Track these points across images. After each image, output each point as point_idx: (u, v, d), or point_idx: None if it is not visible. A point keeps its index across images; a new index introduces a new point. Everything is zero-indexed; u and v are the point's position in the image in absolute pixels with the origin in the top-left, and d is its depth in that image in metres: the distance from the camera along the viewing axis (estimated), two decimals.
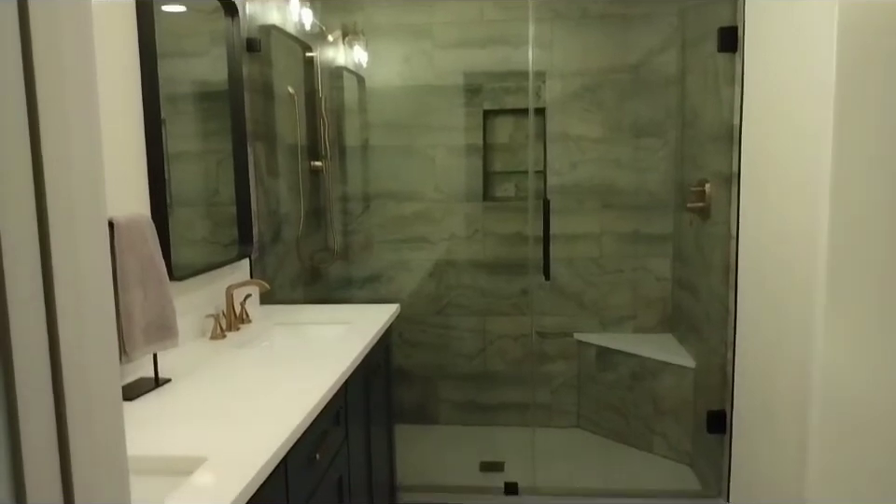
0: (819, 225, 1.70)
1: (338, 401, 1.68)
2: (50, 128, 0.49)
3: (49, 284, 0.50)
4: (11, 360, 0.46)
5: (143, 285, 1.53)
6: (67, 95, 0.51)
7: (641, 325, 3.26)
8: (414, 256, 3.29)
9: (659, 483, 2.69)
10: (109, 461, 0.58)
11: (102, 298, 0.56)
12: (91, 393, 0.55)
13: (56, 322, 0.51)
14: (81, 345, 0.53)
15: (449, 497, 2.50)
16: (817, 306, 1.71)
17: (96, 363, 0.55)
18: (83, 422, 0.53)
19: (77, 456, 0.53)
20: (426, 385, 3.38)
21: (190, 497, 1.03)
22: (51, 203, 0.50)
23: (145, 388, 1.56)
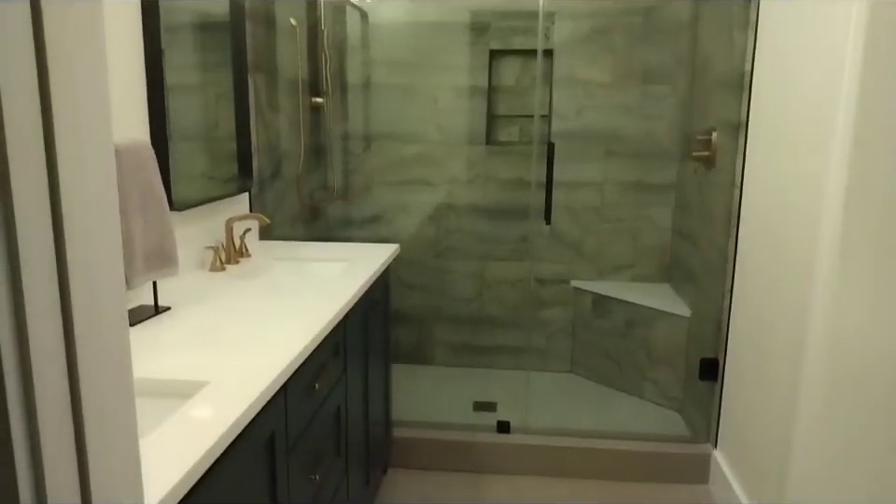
0: (826, 174, 1.68)
1: (337, 335, 1.70)
2: (57, 55, 0.49)
3: (56, 208, 0.50)
4: (20, 277, 0.46)
5: (143, 212, 1.52)
6: (72, 23, 0.50)
7: (639, 274, 3.27)
8: (415, 198, 3.27)
9: (648, 427, 2.74)
10: (116, 378, 0.58)
11: (108, 221, 0.56)
12: (99, 312, 0.55)
13: (64, 243, 0.50)
14: (89, 268, 0.53)
15: (442, 434, 2.55)
16: (818, 257, 1.71)
17: (103, 284, 0.55)
18: (90, 340, 0.54)
19: (85, 375, 0.53)
20: (422, 326, 3.41)
21: (193, 418, 1.04)
22: (58, 126, 0.49)
23: (145, 315, 1.56)
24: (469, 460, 2.54)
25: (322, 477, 1.60)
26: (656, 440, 2.54)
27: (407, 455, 2.55)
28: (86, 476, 0.54)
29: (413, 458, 2.55)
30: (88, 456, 0.54)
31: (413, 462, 2.55)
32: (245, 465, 1.13)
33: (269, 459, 1.25)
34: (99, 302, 0.55)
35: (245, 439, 1.11)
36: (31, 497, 0.49)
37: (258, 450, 1.18)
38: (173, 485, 0.86)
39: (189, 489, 0.92)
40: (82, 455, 0.54)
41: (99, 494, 0.56)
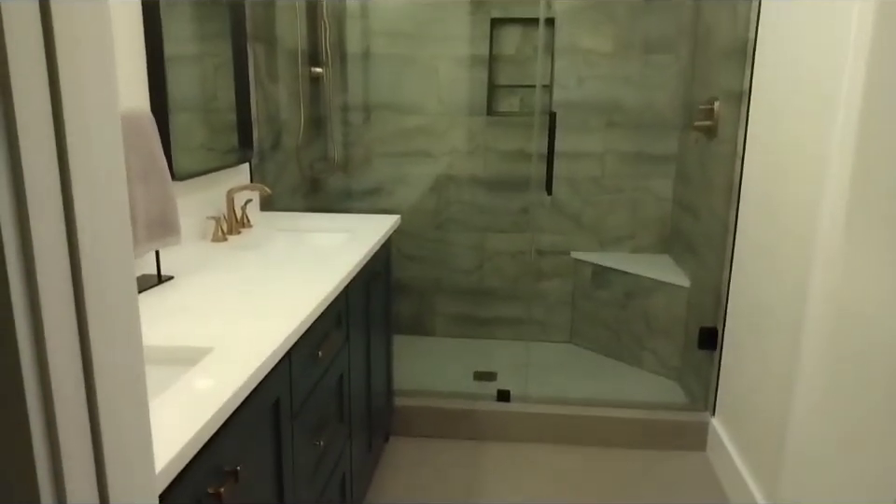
0: (830, 143, 1.68)
1: (339, 305, 1.71)
2: (62, 26, 0.49)
3: (65, 176, 0.50)
4: (31, 244, 0.47)
5: (144, 180, 1.52)
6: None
7: (639, 245, 3.28)
8: (415, 170, 3.26)
9: (646, 395, 2.77)
10: (125, 343, 0.59)
11: (116, 189, 0.56)
12: (107, 279, 0.55)
13: (73, 211, 0.51)
14: (96, 237, 0.54)
15: (443, 402, 2.58)
16: (819, 227, 1.71)
17: (112, 252, 0.56)
18: (99, 306, 0.54)
19: (96, 339, 0.54)
20: (423, 297, 3.43)
21: (199, 383, 1.06)
22: (65, 95, 0.49)
23: (148, 285, 1.57)
24: (469, 428, 2.58)
25: (326, 443, 1.62)
26: (654, 408, 2.57)
27: (408, 424, 2.59)
28: (98, 438, 0.55)
29: (414, 426, 2.59)
30: (100, 420, 0.55)
31: (414, 430, 2.59)
32: (251, 429, 1.14)
33: (274, 424, 1.26)
34: (108, 269, 0.55)
35: (251, 404, 1.13)
36: (46, 463, 0.50)
37: (263, 415, 1.20)
38: (181, 447, 0.87)
39: (197, 452, 0.94)
40: (94, 418, 0.55)
41: (111, 457, 0.57)
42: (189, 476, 0.91)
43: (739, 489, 2.15)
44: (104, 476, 0.56)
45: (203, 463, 0.96)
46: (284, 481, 1.31)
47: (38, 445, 0.49)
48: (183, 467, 0.89)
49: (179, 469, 0.87)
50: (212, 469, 0.99)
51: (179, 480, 0.89)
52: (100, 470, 0.56)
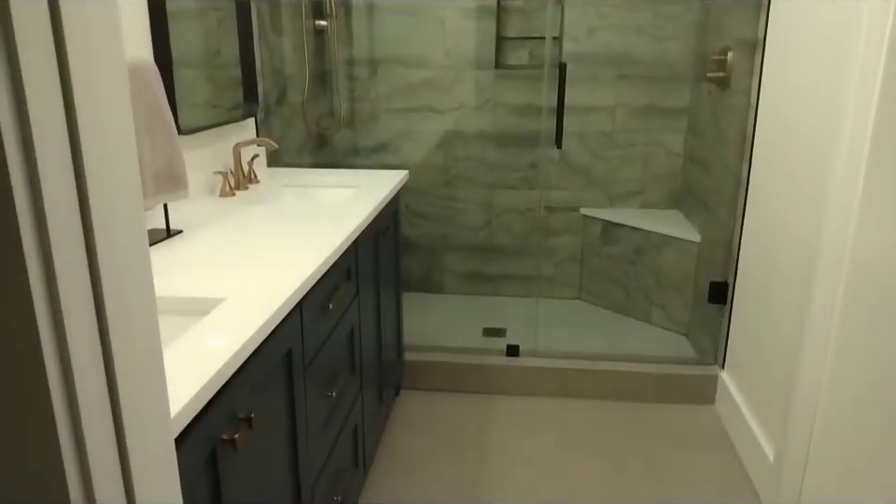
0: (846, 93, 1.64)
1: (349, 259, 1.70)
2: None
3: (72, 127, 0.49)
4: (41, 197, 0.46)
5: (150, 132, 1.50)
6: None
7: (649, 200, 3.25)
8: (422, 125, 3.22)
9: (655, 350, 2.78)
10: (138, 294, 0.58)
11: (124, 141, 0.55)
12: (118, 234, 0.55)
13: (82, 164, 0.50)
14: (104, 189, 0.53)
15: (452, 357, 2.60)
16: (834, 179, 1.68)
17: (121, 204, 0.55)
18: (111, 255, 0.54)
19: (109, 293, 0.53)
20: (431, 255, 3.42)
21: (212, 331, 1.06)
22: (70, 47, 0.48)
23: (157, 238, 1.57)
24: (478, 382, 2.60)
25: (338, 395, 1.64)
26: (663, 361, 2.58)
27: (418, 378, 2.61)
28: (114, 386, 0.55)
29: (424, 380, 2.61)
30: (115, 366, 0.55)
31: (424, 384, 2.61)
32: (264, 378, 1.15)
33: (287, 374, 1.27)
34: (117, 220, 0.55)
35: (264, 353, 1.13)
36: (64, 410, 0.50)
37: (276, 364, 1.21)
38: (195, 393, 0.88)
39: (211, 398, 0.95)
40: (109, 365, 0.55)
41: (127, 400, 0.57)
42: (204, 422, 0.92)
43: (748, 441, 2.17)
44: (119, 418, 0.56)
45: (217, 409, 0.96)
46: (297, 429, 1.32)
47: (55, 389, 0.49)
48: (197, 412, 0.89)
49: (193, 414, 0.88)
50: (226, 416, 1.00)
51: (194, 425, 0.90)
52: (116, 412, 0.56)
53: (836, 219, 1.69)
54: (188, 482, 0.89)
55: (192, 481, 0.91)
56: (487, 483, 2.09)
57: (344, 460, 1.73)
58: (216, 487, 0.98)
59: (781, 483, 1.89)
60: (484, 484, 2.08)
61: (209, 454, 0.96)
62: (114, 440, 0.56)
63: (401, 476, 2.12)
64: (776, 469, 1.93)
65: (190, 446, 0.89)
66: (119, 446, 0.56)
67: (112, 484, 0.55)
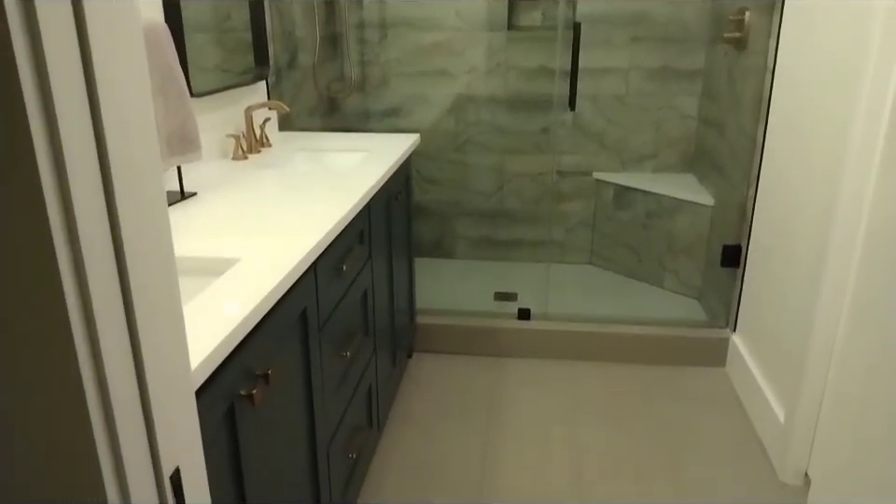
0: (867, 52, 1.61)
1: (361, 221, 1.71)
2: None
3: (91, 88, 0.50)
4: (63, 158, 0.47)
5: (163, 94, 1.50)
6: None
7: (662, 164, 3.22)
8: (433, 89, 3.20)
9: (666, 314, 2.79)
10: (158, 250, 0.59)
11: (141, 100, 0.55)
12: (138, 191, 0.55)
13: (101, 124, 0.50)
14: (126, 145, 0.53)
15: (464, 321, 2.62)
16: (852, 140, 1.66)
17: (140, 162, 0.56)
18: (133, 218, 0.54)
19: (129, 248, 0.54)
20: (443, 220, 3.42)
21: (229, 290, 1.07)
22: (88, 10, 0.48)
23: (171, 200, 1.58)
24: (490, 345, 2.62)
25: (352, 355, 1.66)
26: (675, 325, 2.59)
27: (431, 341, 2.64)
28: (136, 341, 0.56)
29: (436, 343, 2.64)
30: (137, 324, 0.56)
31: (436, 347, 2.64)
32: (280, 337, 1.17)
33: (302, 334, 1.29)
34: (136, 174, 0.55)
35: (279, 312, 1.15)
36: (89, 363, 0.51)
37: (291, 324, 1.22)
38: (213, 348, 0.89)
39: (229, 355, 0.96)
40: (131, 321, 0.56)
41: (150, 358, 0.58)
42: (222, 377, 0.94)
43: (758, 403, 2.19)
44: (142, 370, 0.57)
45: (235, 366, 0.98)
46: (313, 387, 1.34)
47: (80, 344, 0.50)
48: (215, 368, 0.91)
49: (212, 369, 0.89)
50: (243, 372, 1.01)
51: (213, 381, 0.92)
52: (138, 364, 0.57)
53: (853, 182, 1.67)
54: (207, 435, 0.91)
55: (212, 435, 0.93)
56: (498, 442, 2.12)
57: (359, 419, 1.77)
58: (234, 442, 1.01)
59: (791, 443, 1.91)
60: (495, 444, 2.11)
61: (228, 408, 0.98)
62: (137, 392, 0.57)
63: (414, 436, 2.15)
64: (786, 429, 1.94)
65: (209, 401, 0.91)
66: (143, 398, 0.58)
67: (136, 434, 0.57)
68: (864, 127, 1.63)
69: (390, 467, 2.01)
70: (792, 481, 1.94)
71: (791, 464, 1.93)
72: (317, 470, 1.40)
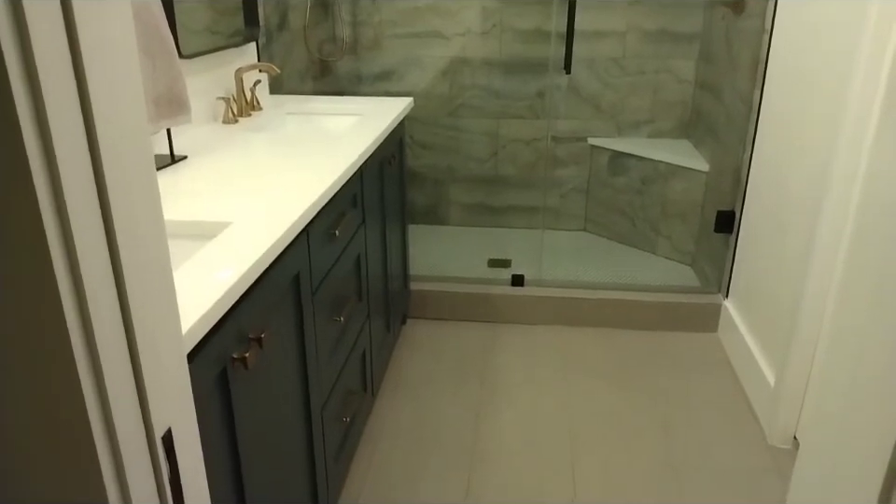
0: (867, 12, 1.58)
1: (354, 186, 1.69)
2: None
3: (75, 47, 0.48)
4: (47, 122, 0.45)
5: (150, 54, 1.46)
6: None
7: (658, 130, 3.20)
8: (427, 52, 3.14)
9: (659, 279, 2.80)
10: (146, 213, 0.58)
11: (126, 60, 0.54)
12: (125, 153, 0.54)
13: (86, 86, 0.49)
14: (112, 106, 0.51)
15: (458, 287, 2.62)
16: (850, 104, 1.64)
17: (127, 124, 0.54)
18: (120, 180, 0.53)
19: (117, 211, 0.53)
20: (437, 187, 3.40)
21: (221, 253, 1.06)
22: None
23: (161, 164, 1.55)
24: (484, 311, 2.63)
25: (346, 319, 1.66)
26: (667, 290, 2.60)
27: (425, 307, 2.64)
28: (126, 303, 0.56)
29: (430, 309, 2.64)
30: (126, 286, 0.55)
31: (430, 313, 2.64)
32: (273, 300, 1.16)
33: (295, 298, 1.28)
34: (122, 137, 0.54)
35: (272, 275, 1.14)
36: (78, 326, 0.50)
37: (284, 288, 1.22)
38: (205, 311, 0.89)
39: (221, 318, 0.96)
40: (120, 284, 0.55)
41: (140, 320, 0.57)
42: (214, 340, 0.94)
43: (749, 367, 2.21)
44: (132, 333, 0.57)
45: (227, 329, 0.97)
46: (307, 351, 1.34)
47: (69, 307, 0.49)
48: (208, 331, 0.91)
49: (204, 332, 0.89)
50: (237, 335, 1.01)
51: (205, 343, 0.91)
52: (128, 327, 0.56)
53: (849, 146, 1.66)
54: (200, 398, 0.91)
55: (205, 397, 0.93)
56: (491, 407, 2.14)
57: (353, 383, 1.77)
58: (227, 404, 1.01)
59: (780, 407, 1.93)
60: (488, 408, 2.13)
61: (220, 371, 0.97)
62: (126, 353, 0.56)
63: (409, 400, 2.17)
64: (775, 393, 1.96)
65: (202, 363, 0.90)
66: (133, 359, 0.57)
67: (126, 395, 0.56)
68: (861, 89, 1.61)
69: (384, 431, 2.03)
70: (781, 444, 1.97)
71: (781, 427, 1.95)
72: (312, 433, 1.41)
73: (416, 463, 1.90)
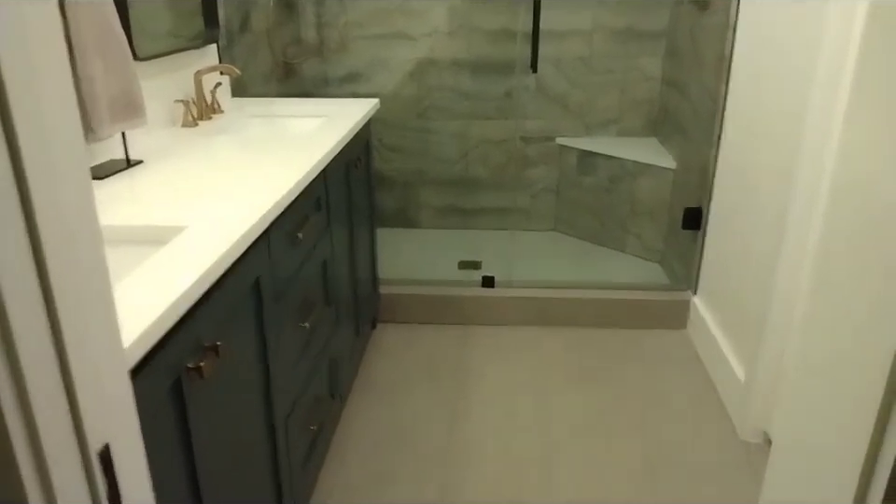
0: (828, 8, 1.59)
1: (318, 188, 1.66)
2: None
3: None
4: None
5: (102, 55, 1.41)
6: None
7: (626, 128, 3.21)
8: (394, 53, 3.12)
9: (629, 278, 2.80)
10: (79, 224, 0.54)
11: (52, 49, 0.50)
12: (53, 156, 0.50)
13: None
14: (38, 111, 0.47)
15: (428, 290, 2.59)
16: (813, 97, 1.65)
17: (55, 123, 0.50)
18: (47, 184, 0.49)
19: (45, 223, 0.49)
20: (406, 189, 3.37)
21: (173, 259, 1.02)
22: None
23: (116, 168, 1.50)
24: (455, 313, 2.60)
25: (312, 325, 1.62)
26: (637, 288, 2.60)
27: (395, 311, 2.61)
28: (55, 318, 0.52)
29: (400, 313, 2.61)
30: (55, 298, 0.51)
31: (401, 316, 2.61)
32: (232, 307, 1.12)
33: (256, 303, 1.25)
34: (52, 138, 0.50)
35: (230, 280, 1.10)
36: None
37: (244, 293, 1.18)
38: (154, 319, 0.85)
39: (174, 326, 0.92)
40: (48, 297, 0.51)
41: (71, 332, 0.53)
42: (167, 350, 0.90)
43: (719, 363, 2.21)
44: (61, 341, 0.53)
45: (181, 337, 0.94)
46: (269, 358, 1.30)
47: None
48: (158, 340, 0.87)
49: (154, 341, 0.85)
50: (191, 344, 0.97)
51: (156, 353, 0.87)
52: (57, 339, 0.53)
53: (815, 141, 1.67)
54: (151, 410, 0.87)
55: (156, 409, 0.89)
56: (465, 409, 2.11)
57: (321, 390, 1.73)
58: (182, 416, 0.97)
59: (751, 402, 1.94)
60: (462, 411, 2.11)
61: (174, 382, 0.93)
62: (57, 369, 0.53)
63: (379, 405, 2.13)
64: (746, 389, 1.97)
65: (153, 374, 0.86)
66: (64, 375, 0.54)
67: (55, 409, 0.52)
68: (826, 84, 1.62)
69: (355, 437, 1.99)
70: (752, 438, 1.97)
71: (751, 423, 1.96)
72: (276, 442, 1.37)
73: (388, 468, 1.86)
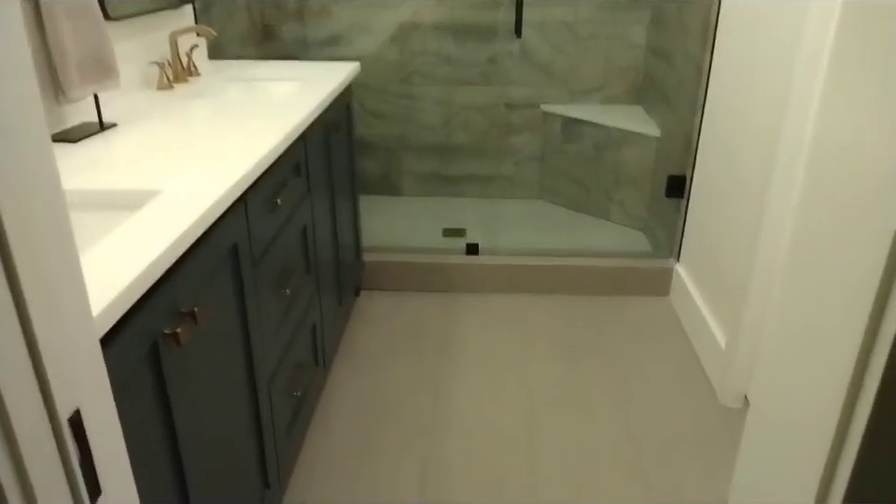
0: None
1: (297, 153, 1.62)
2: None
3: None
4: None
5: (71, 16, 1.36)
6: None
7: (610, 96, 3.18)
8: (376, 17, 3.05)
9: (613, 246, 2.80)
10: (40, 186, 0.51)
11: None
12: (7, 116, 0.47)
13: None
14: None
15: (412, 257, 2.58)
16: (798, 67, 1.64)
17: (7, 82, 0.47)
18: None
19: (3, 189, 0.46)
20: (389, 156, 3.33)
21: (147, 224, 1.00)
22: None
23: (89, 132, 1.46)
24: (439, 281, 2.59)
25: (293, 292, 1.61)
26: (620, 256, 2.61)
27: (378, 278, 2.59)
28: (15, 280, 0.50)
29: (384, 280, 2.60)
30: (15, 263, 0.49)
31: (384, 284, 2.60)
32: (209, 272, 1.10)
33: (234, 269, 1.23)
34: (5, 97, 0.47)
35: (206, 245, 1.08)
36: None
37: (221, 259, 1.16)
38: (127, 284, 0.83)
39: (147, 292, 0.90)
40: (9, 263, 0.49)
41: (34, 295, 0.51)
42: (141, 315, 0.88)
43: (700, 330, 2.23)
44: (23, 304, 0.51)
45: (156, 302, 0.92)
46: (249, 325, 1.29)
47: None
48: (131, 305, 0.85)
49: (127, 307, 0.83)
50: (167, 310, 0.95)
51: (129, 318, 0.85)
52: (18, 301, 0.51)
53: (797, 108, 1.66)
54: (126, 376, 0.86)
55: (132, 375, 0.88)
56: (448, 376, 2.12)
57: (303, 357, 1.73)
58: (161, 382, 0.95)
59: (731, 368, 1.96)
60: (445, 378, 2.11)
61: (150, 347, 0.92)
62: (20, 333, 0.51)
63: (363, 372, 2.13)
64: (727, 355, 1.99)
65: (127, 341, 0.85)
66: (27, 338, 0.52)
67: (20, 374, 0.51)
68: (811, 54, 1.61)
69: (339, 404, 1.99)
70: (732, 403, 2.00)
71: (731, 388, 1.98)
72: (259, 409, 1.37)
73: (372, 436, 1.87)
